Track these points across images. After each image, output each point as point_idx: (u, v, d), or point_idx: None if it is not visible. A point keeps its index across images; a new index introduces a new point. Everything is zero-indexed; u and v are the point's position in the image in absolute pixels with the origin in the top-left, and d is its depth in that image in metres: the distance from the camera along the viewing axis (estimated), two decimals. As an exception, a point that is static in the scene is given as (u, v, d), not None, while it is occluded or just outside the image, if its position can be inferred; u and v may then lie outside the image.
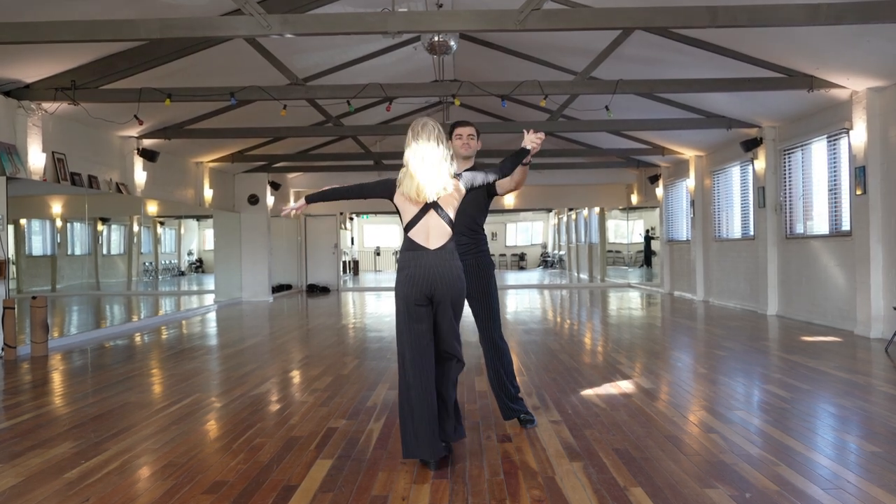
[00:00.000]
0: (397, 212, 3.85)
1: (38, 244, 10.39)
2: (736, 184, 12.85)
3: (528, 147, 4.02)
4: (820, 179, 10.04)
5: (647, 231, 19.36)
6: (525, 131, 4.07)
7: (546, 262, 31.79)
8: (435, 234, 3.75)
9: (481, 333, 4.44)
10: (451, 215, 3.78)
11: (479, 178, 3.90)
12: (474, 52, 11.31)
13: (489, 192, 4.42)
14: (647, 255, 19.42)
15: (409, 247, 3.76)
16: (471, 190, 3.92)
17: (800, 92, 8.74)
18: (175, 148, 12.58)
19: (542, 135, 4.04)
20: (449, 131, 4.47)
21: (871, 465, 3.71)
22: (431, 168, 3.70)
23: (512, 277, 25.30)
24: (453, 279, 3.73)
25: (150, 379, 6.65)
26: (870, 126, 8.47)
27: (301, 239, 19.48)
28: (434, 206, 3.74)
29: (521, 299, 15.68)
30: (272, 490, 3.43)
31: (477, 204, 4.42)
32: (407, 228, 3.78)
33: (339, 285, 19.76)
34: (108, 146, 10.84)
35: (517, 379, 4.80)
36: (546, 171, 17.13)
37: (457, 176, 3.82)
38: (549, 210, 30.06)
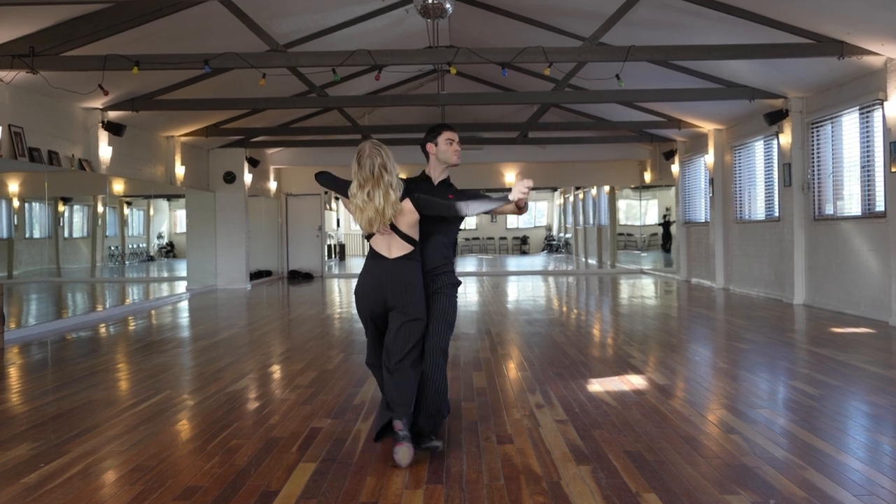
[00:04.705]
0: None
1: (-7, 226, 10.35)
2: (759, 160, 12.83)
3: (512, 198, 3.97)
4: (851, 155, 10.02)
5: (665, 214, 19.32)
6: (516, 177, 3.98)
7: (550, 245, 31.84)
8: (396, 246, 4.05)
9: (429, 341, 4.19)
10: (409, 232, 4.03)
11: (439, 208, 4.01)
12: (472, 16, 11.24)
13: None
14: (665, 240, 19.40)
15: (371, 254, 4.12)
16: (425, 216, 4.04)
17: (829, 59, 8.70)
18: (143, 121, 12.51)
19: (530, 182, 3.98)
20: (436, 132, 4.38)
21: (907, 469, 3.72)
22: (377, 204, 3.91)
23: (513, 263, 25.33)
24: (403, 287, 4.00)
25: (117, 374, 6.63)
26: (906, 97, 8.45)
27: (282, 221, 19.44)
28: (391, 225, 4.00)
29: (524, 287, 15.69)
30: (250, 496, 3.42)
31: (444, 233, 4.34)
32: (368, 236, 4.09)
33: (324, 271, 19.74)
34: (70, 119, 10.77)
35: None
36: (551, 147, 17.09)
37: (414, 197, 3.98)
38: (555, 189, 30.08)
